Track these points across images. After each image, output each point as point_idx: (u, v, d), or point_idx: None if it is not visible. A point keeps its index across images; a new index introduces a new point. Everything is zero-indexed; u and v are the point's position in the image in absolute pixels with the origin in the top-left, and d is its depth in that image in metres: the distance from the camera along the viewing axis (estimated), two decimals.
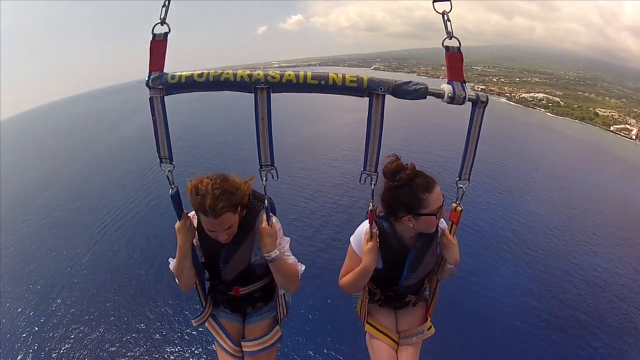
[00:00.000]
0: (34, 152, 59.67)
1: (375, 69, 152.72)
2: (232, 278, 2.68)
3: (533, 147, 49.84)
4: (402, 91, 2.10)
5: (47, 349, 16.32)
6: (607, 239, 25.84)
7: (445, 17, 2.11)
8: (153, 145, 2.14)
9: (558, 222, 27.05)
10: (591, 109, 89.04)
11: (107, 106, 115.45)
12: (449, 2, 2.10)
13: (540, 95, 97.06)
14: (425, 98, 2.13)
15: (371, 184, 2.29)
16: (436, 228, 2.58)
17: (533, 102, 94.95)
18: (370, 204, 2.41)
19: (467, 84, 2.19)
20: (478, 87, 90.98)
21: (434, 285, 2.87)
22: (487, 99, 2.22)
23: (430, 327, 2.88)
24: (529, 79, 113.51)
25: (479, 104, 2.22)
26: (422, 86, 2.10)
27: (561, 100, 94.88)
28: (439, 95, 2.14)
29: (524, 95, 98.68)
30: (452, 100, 2.12)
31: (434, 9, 2.12)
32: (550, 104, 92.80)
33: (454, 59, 2.15)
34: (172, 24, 2.04)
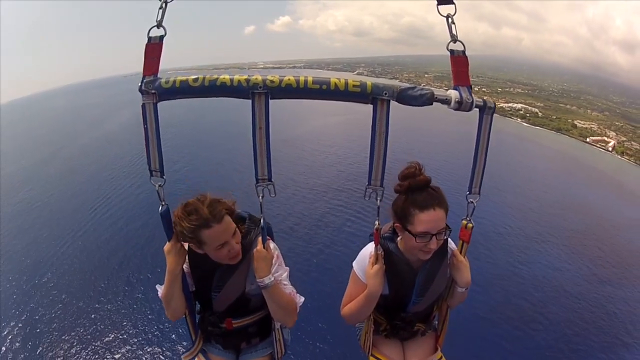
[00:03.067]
0: (19, 142, 57.91)
1: (358, 73, 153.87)
2: (224, 309, 2.47)
3: (500, 152, 50.38)
4: (407, 97, 2.00)
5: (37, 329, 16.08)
6: (562, 239, 26.24)
7: (450, 20, 2.04)
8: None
9: (515, 222, 27.14)
10: (570, 120, 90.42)
11: (91, 100, 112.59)
12: (453, 6, 2.03)
13: (519, 105, 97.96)
14: (431, 104, 2.04)
15: (377, 199, 2.14)
16: (446, 248, 2.41)
17: (510, 111, 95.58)
18: (376, 222, 2.22)
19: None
20: None
21: (443, 312, 2.68)
22: (495, 105, 2.13)
23: (441, 357, 2.69)
24: (511, 89, 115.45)
25: (486, 110, 2.12)
26: (427, 92, 2.01)
27: (540, 111, 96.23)
28: (445, 101, 2.05)
29: (502, 105, 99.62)
30: (460, 106, 2.03)
31: (438, 12, 2.05)
32: (527, 114, 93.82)
33: (460, 62, 2.07)
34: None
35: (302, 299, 2.49)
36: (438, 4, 2.03)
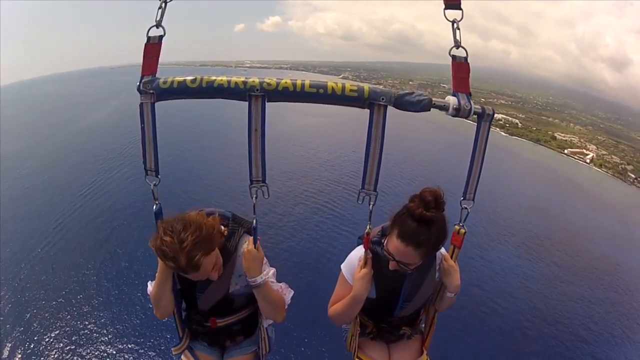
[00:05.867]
0: (10, 127, 56.52)
1: (343, 77, 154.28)
2: (209, 308, 2.48)
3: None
4: (404, 102, 1.97)
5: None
6: (526, 240, 26.96)
7: (455, 26, 2.03)
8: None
9: (480, 223, 27.28)
10: (550, 132, 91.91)
11: (80, 89, 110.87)
12: (460, 11, 2.03)
13: (500, 115, 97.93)
14: (429, 110, 2.02)
15: (369, 204, 2.12)
16: (434, 254, 2.39)
17: None
18: (368, 227, 2.19)
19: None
20: None
21: (431, 315, 2.65)
22: (493, 112, 2.12)
23: None
24: (495, 100, 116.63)
25: (485, 117, 2.11)
26: (425, 98, 1.98)
27: (520, 122, 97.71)
28: (443, 107, 2.03)
29: None
30: (457, 112, 2.01)
31: (445, 16, 2.04)
32: (507, 125, 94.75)
33: (461, 68, 2.05)
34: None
35: (292, 292, 2.53)
36: (445, 9, 2.03)
